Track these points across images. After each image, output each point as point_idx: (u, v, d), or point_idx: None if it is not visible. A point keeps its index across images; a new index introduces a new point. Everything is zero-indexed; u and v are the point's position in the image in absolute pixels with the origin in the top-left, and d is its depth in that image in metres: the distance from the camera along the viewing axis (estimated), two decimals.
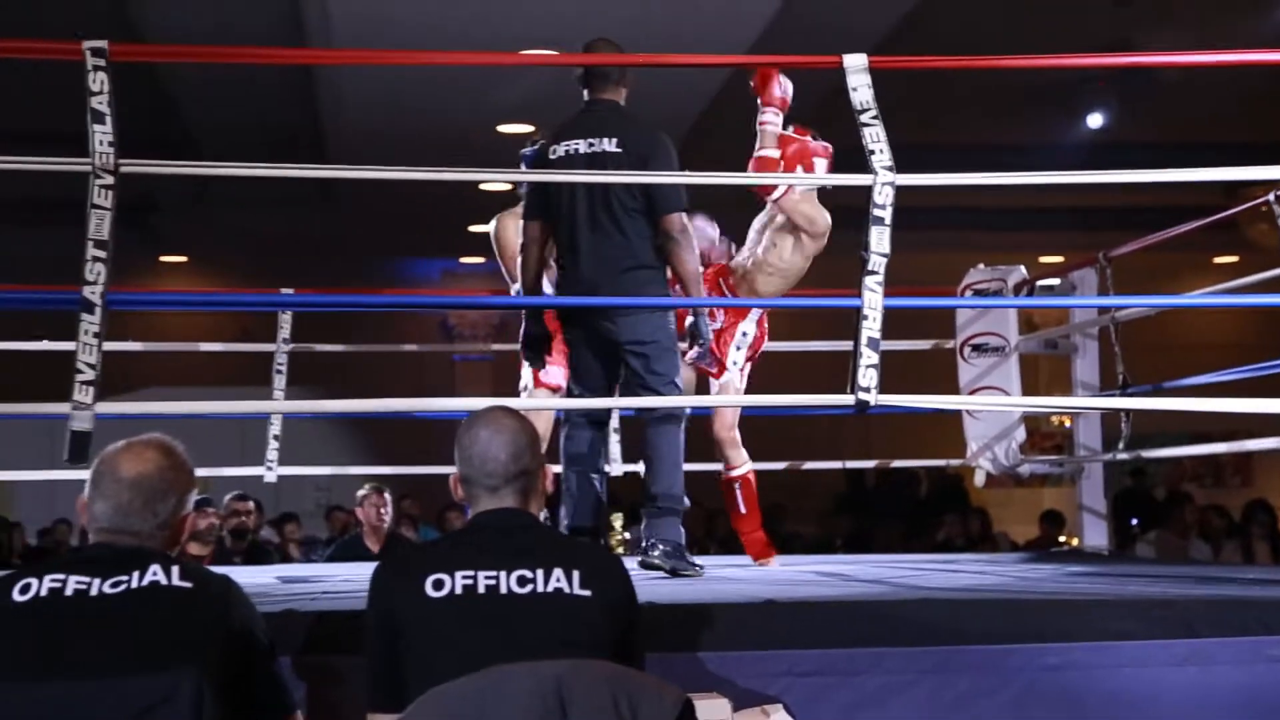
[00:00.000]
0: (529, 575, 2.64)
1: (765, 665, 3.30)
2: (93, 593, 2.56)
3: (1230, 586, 4.11)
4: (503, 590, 2.62)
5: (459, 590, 2.62)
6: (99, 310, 3.73)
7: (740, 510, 5.51)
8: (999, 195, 11.62)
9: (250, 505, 8.12)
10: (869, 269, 4.05)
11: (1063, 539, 10.16)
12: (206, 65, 8.96)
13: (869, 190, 4.06)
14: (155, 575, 2.59)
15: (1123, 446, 5.86)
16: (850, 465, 9.39)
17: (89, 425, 3.75)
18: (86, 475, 2.75)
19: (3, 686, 2.45)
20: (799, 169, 5.27)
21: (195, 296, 10.05)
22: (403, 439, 10.17)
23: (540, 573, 2.65)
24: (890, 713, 3.31)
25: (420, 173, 4.27)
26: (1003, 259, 6.42)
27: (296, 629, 3.25)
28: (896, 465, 9.63)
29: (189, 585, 2.61)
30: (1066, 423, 9.29)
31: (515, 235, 5.05)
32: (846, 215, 4.94)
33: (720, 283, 5.50)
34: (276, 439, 6.03)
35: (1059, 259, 11.10)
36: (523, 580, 2.64)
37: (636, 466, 5.38)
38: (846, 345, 4.14)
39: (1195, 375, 5.60)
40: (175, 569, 2.62)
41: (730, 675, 3.27)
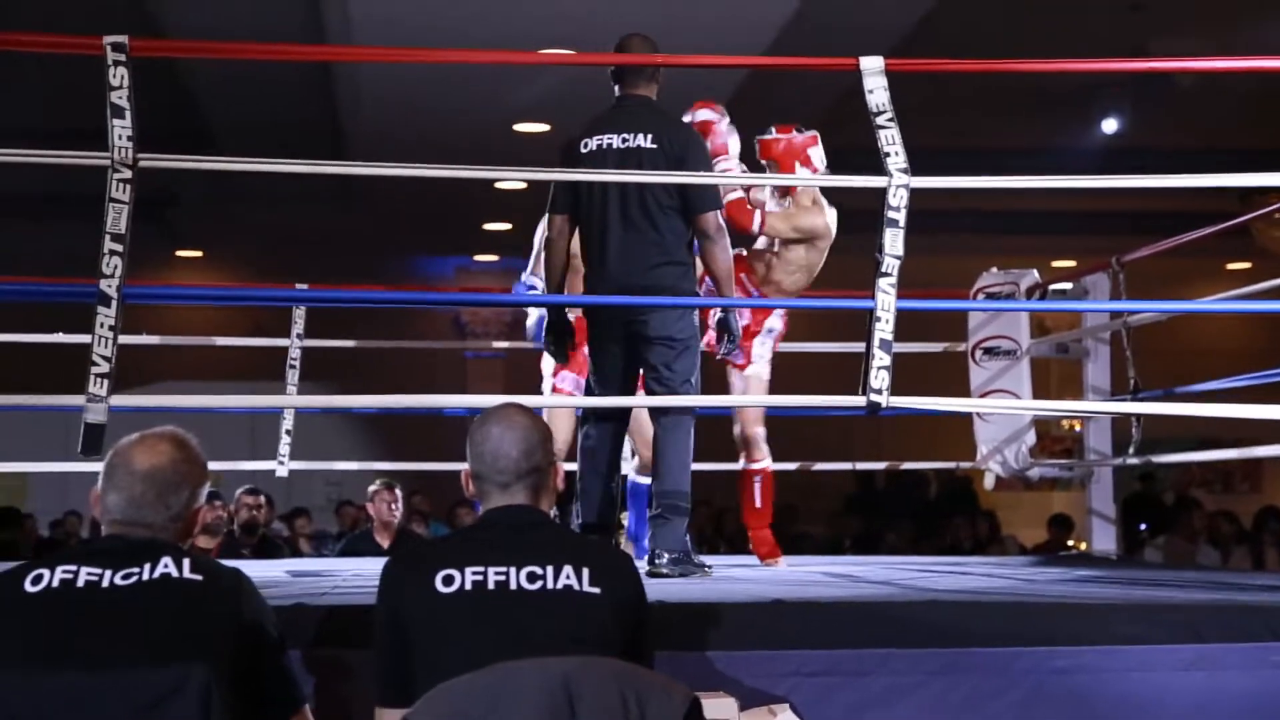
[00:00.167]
0: (539, 572, 2.65)
1: (772, 665, 3.31)
2: (104, 584, 2.56)
3: (1238, 592, 4.11)
4: (512, 587, 2.63)
5: (469, 586, 2.63)
6: (115, 303, 3.75)
7: (755, 504, 5.50)
8: (1013, 199, 11.61)
9: (261, 499, 8.13)
10: (882, 271, 4.05)
11: (1071, 543, 10.15)
12: (226, 63, 9.00)
13: (884, 193, 4.06)
14: (166, 568, 2.60)
15: (1133, 451, 5.85)
16: (861, 466, 9.39)
17: (103, 418, 3.77)
18: (99, 467, 2.76)
19: (14, 676, 2.46)
20: (796, 166, 5.26)
21: (211, 291, 10.02)
22: (414, 435, 10.21)
23: (550, 570, 2.65)
24: (897, 714, 3.32)
25: (439, 170, 4.26)
26: (1016, 262, 6.41)
27: (306, 623, 3.26)
28: (906, 467, 9.63)
29: (200, 578, 2.61)
30: (1076, 427, 9.29)
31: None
32: (860, 218, 4.94)
33: (744, 279, 5.46)
34: (288, 434, 6.03)
35: (1072, 263, 11.07)
36: (532, 577, 2.64)
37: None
38: (859, 347, 4.15)
39: (1206, 381, 5.60)
40: (187, 562, 2.62)
41: (737, 674, 3.27)
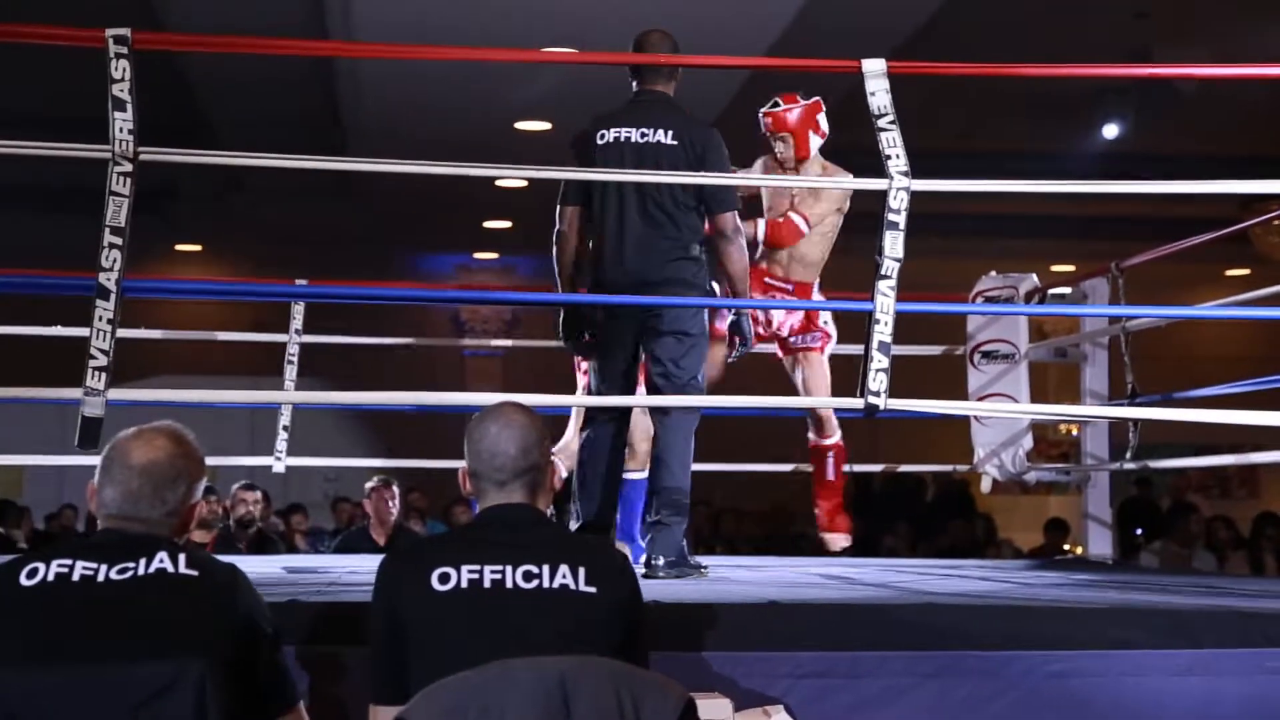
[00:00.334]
0: (535, 571, 2.65)
1: (768, 666, 3.31)
2: (99, 579, 2.56)
3: (1233, 598, 4.12)
4: (508, 585, 2.63)
5: (464, 584, 2.63)
6: (114, 296, 3.75)
7: (828, 478, 5.61)
8: (1013, 203, 11.61)
9: (257, 495, 8.12)
10: (882, 273, 4.06)
11: (1067, 547, 10.15)
12: (228, 59, 8.98)
13: (884, 195, 4.06)
14: (162, 562, 2.60)
15: (1130, 456, 5.85)
16: (857, 469, 9.37)
17: (101, 411, 3.76)
18: (96, 461, 2.76)
19: (9, 671, 2.46)
20: (810, 134, 5.23)
21: (210, 285, 10.02)
22: (411, 432, 10.19)
23: (546, 568, 2.65)
24: (892, 716, 3.32)
25: (440, 167, 4.28)
26: (1015, 266, 6.40)
27: (301, 619, 3.26)
28: (904, 470, 9.61)
29: (195, 573, 2.61)
30: (1074, 431, 9.29)
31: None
32: (860, 220, 4.94)
33: (769, 281, 5.41)
34: (286, 429, 6.03)
35: (1071, 268, 11.07)
36: (528, 575, 2.64)
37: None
38: (857, 349, 4.15)
39: (1204, 387, 5.60)
40: (182, 557, 2.63)
41: (733, 675, 3.27)
